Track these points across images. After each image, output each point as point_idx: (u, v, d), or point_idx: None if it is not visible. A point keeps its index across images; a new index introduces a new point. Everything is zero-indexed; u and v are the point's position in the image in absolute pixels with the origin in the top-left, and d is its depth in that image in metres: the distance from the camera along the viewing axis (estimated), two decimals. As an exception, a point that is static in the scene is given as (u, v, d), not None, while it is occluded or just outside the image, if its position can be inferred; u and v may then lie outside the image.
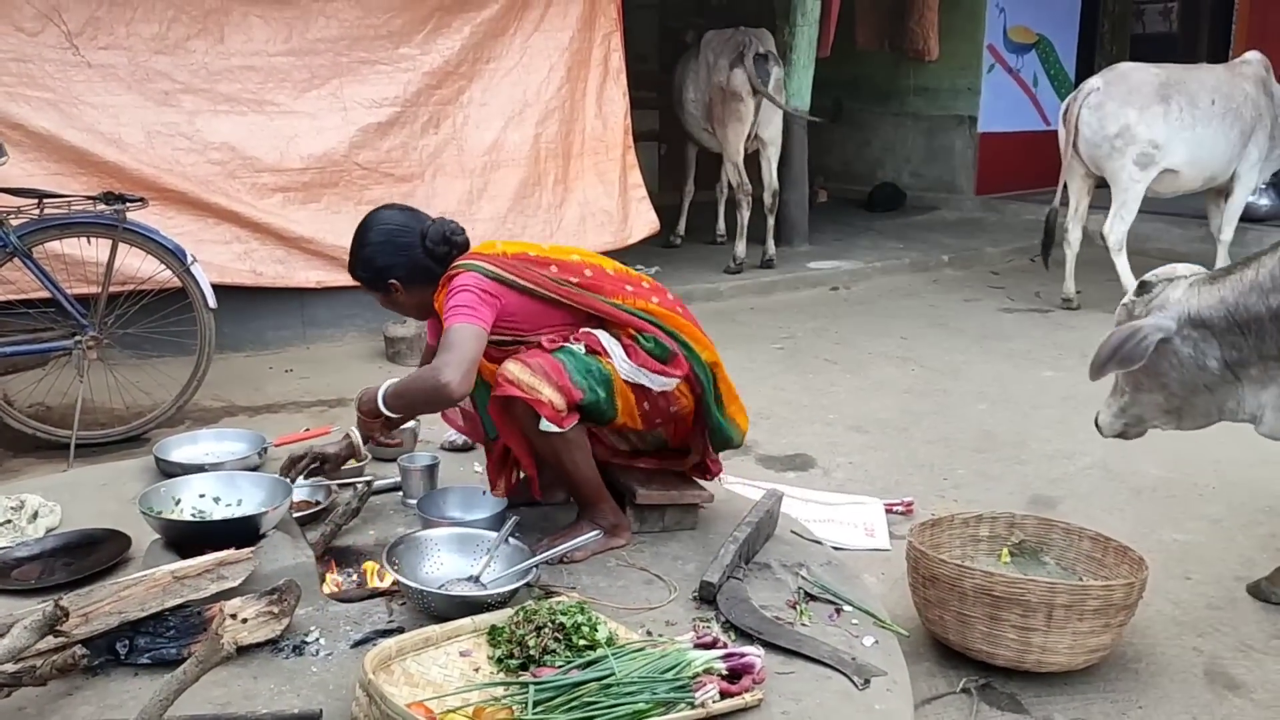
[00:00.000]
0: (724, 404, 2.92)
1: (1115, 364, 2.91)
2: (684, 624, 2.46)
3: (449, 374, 2.51)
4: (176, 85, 5.32)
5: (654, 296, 2.87)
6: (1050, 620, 2.60)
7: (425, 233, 2.89)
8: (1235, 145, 6.60)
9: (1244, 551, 3.48)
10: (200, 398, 5.01)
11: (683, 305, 2.95)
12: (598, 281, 2.80)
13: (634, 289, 2.85)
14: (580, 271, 2.80)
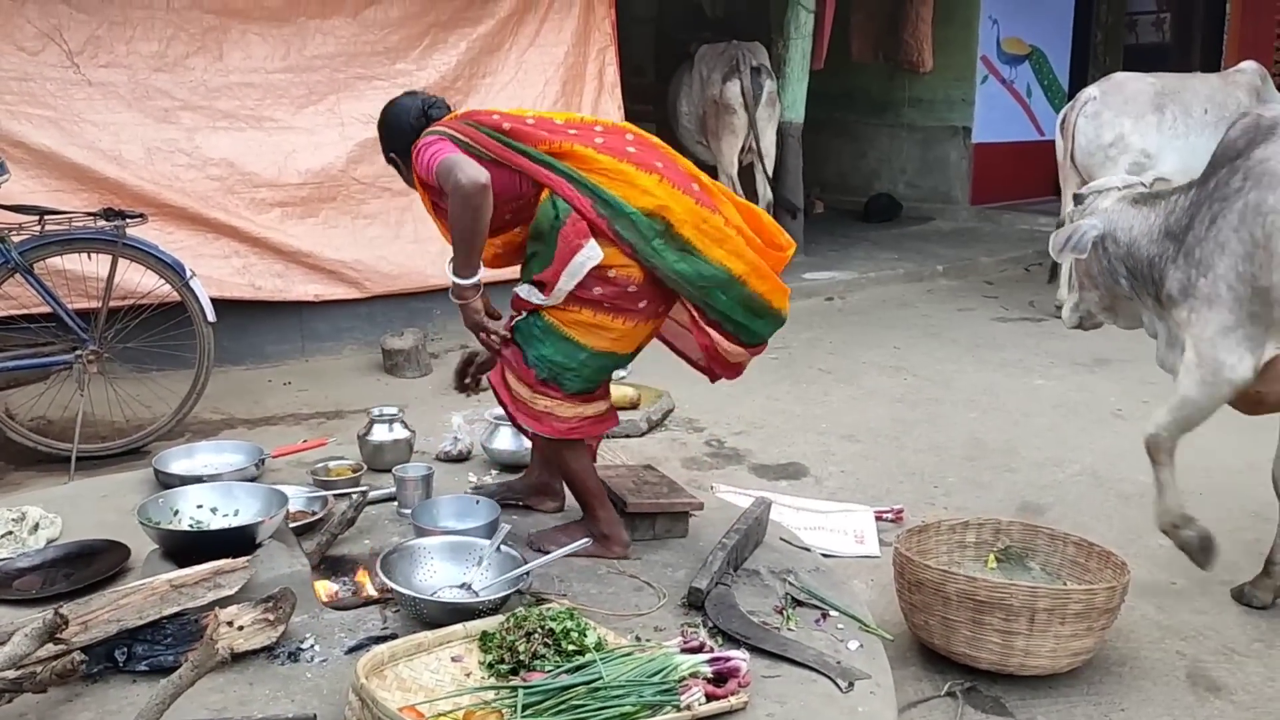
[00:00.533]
0: (695, 249, 2.62)
1: (1068, 251, 3.37)
2: (672, 629, 2.50)
3: (458, 179, 2.54)
4: (176, 102, 5.38)
5: (600, 138, 2.68)
6: (1033, 624, 2.65)
7: (412, 109, 2.98)
8: None
9: (1228, 557, 3.50)
10: (200, 410, 5.07)
11: (647, 145, 2.73)
12: (526, 130, 2.70)
13: (577, 132, 2.70)
14: (520, 121, 2.74)
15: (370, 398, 5.31)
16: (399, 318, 6.01)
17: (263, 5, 5.58)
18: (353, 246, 5.80)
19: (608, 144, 2.70)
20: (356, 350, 6.00)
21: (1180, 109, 6.61)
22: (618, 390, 4.88)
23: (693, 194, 2.70)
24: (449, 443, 3.72)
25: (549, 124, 2.79)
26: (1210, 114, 6.62)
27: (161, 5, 5.34)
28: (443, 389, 5.58)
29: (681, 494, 3.09)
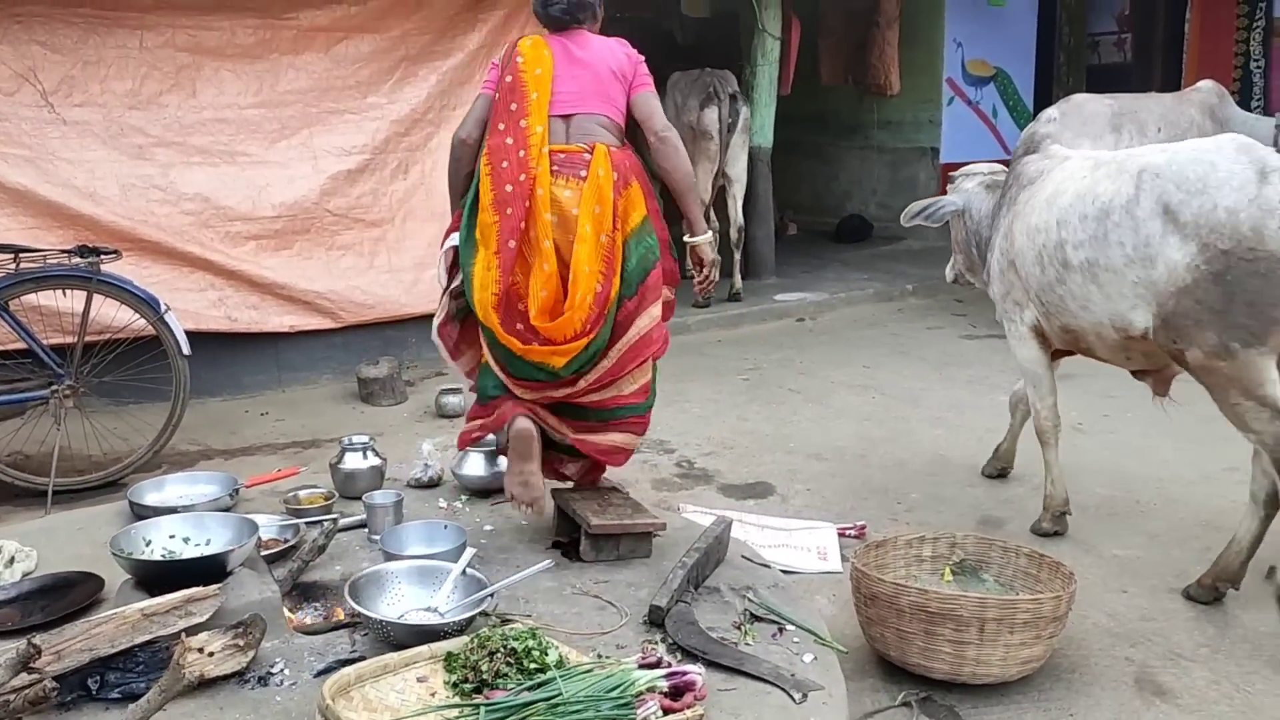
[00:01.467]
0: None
1: (920, 219, 4.31)
2: (634, 647, 2.59)
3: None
4: (150, 139, 5.47)
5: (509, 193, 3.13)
6: (982, 634, 2.74)
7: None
8: None
9: (1179, 565, 3.62)
10: (177, 442, 5.12)
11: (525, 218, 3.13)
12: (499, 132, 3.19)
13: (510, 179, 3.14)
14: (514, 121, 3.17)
15: (346, 426, 5.38)
16: (374, 346, 6.09)
17: (235, 43, 5.68)
18: (327, 277, 5.88)
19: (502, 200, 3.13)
20: (332, 380, 6.07)
21: (1136, 128, 6.77)
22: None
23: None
24: (420, 469, 3.80)
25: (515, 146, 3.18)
26: (1164, 132, 6.78)
27: (135, 44, 5.43)
28: (418, 416, 5.67)
29: (645, 515, 3.18)
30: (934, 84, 10.17)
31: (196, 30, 5.57)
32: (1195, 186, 3.11)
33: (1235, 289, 3.02)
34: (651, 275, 3.20)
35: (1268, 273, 2.97)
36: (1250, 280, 3.00)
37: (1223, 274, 3.03)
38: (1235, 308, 3.03)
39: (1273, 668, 2.97)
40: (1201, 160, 3.15)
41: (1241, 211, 3.01)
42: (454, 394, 5.57)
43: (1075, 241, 3.43)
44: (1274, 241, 2.95)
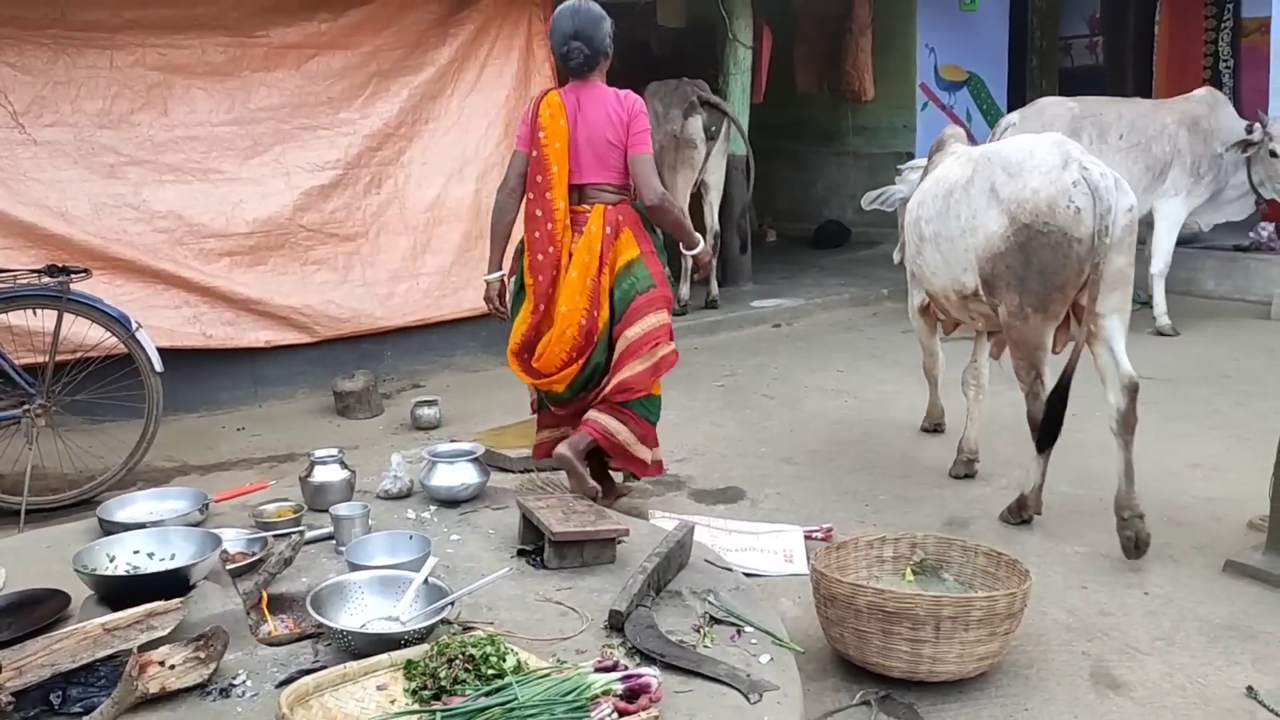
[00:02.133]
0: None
1: (877, 204, 5.28)
2: (594, 651, 2.62)
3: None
4: (122, 158, 5.50)
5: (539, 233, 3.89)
6: (938, 632, 2.79)
7: (556, 34, 3.88)
8: (1139, 179, 6.79)
9: (1139, 561, 3.67)
10: (153, 458, 5.15)
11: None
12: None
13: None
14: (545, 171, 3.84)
15: (321, 440, 5.40)
16: (350, 360, 6.12)
17: (206, 61, 5.72)
18: (301, 292, 5.92)
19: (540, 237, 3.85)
20: (309, 394, 6.10)
21: (1097, 132, 6.83)
22: (562, 424, 5.01)
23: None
24: (389, 481, 3.83)
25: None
26: (1126, 139, 6.83)
27: (105, 64, 5.47)
28: (393, 428, 5.70)
29: (608, 521, 3.21)
30: (908, 89, 10.26)
31: (167, 49, 5.61)
32: (1015, 170, 3.69)
33: (1032, 257, 3.59)
34: (638, 299, 3.87)
35: (1056, 245, 3.54)
36: (1043, 251, 3.57)
37: (1026, 244, 3.60)
38: (1031, 274, 3.61)
39: (1226, 659, 3.02)
40: (1024, 149, 3.75)
41: (1042, 191, 3.57)
42: (428, 406, 5.60)
43: (927, 218, 4.12)
44: (1063, 218, 3.53)
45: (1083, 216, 3.52)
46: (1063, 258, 3.55)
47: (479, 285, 6.38)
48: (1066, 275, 3.58)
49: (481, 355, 6.66)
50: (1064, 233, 3.53)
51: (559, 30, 3.83)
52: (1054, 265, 3.57)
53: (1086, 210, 3.52)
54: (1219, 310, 7.60)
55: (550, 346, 3.84)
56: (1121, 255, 3.61)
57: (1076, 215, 3.54)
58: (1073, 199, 3.55)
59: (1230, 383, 5.91)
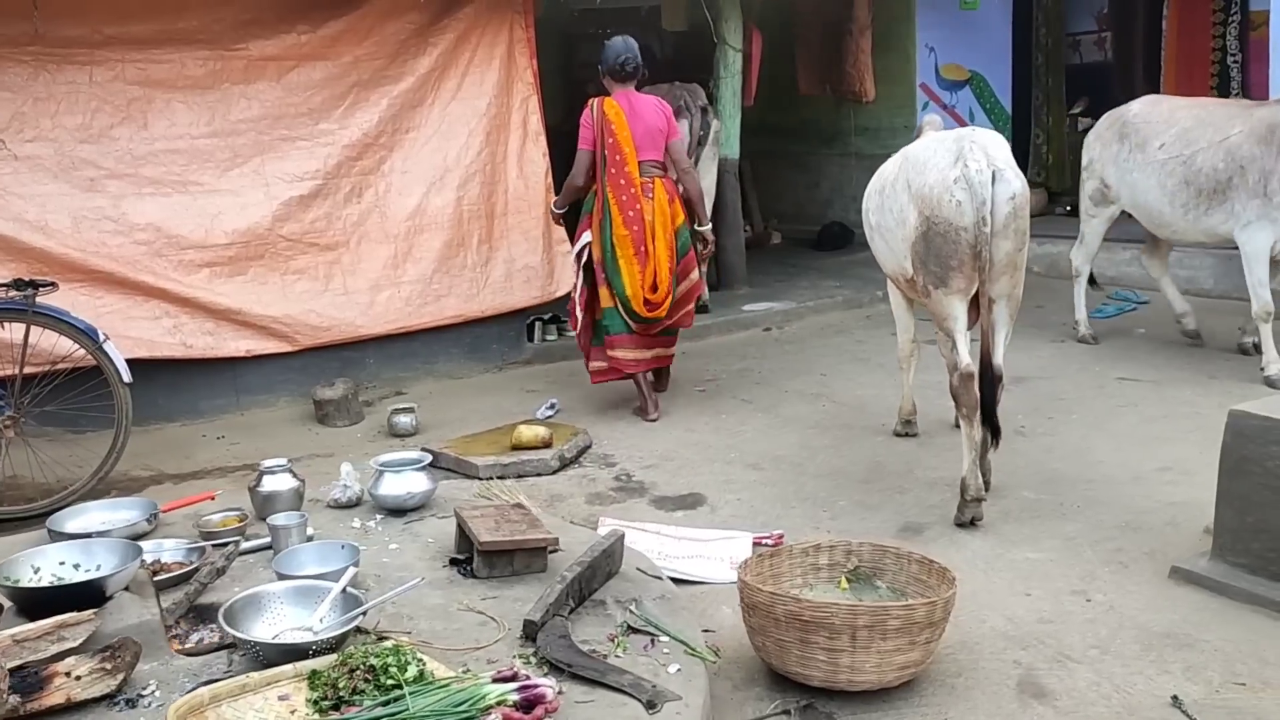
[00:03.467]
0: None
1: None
2: (505, 661, 2.64)
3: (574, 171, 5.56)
4: (102, 171, 5.58)
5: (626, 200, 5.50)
6: (854, 641, 2.78)
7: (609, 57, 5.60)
8: (1178, 197, 6.00)
9: (1088, 567, 3.64)
10: (130, 467, 5.23)
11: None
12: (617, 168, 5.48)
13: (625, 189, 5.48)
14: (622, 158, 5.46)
15: (299, 448, 5.47)
16: (332, 368, 6.18)
17: (185, 74, 5.79)
18: (282, 302, 5.98)
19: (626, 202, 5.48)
20: (291, 402, 6.15)
21: (1139, 140, 6.19)
22: (529, 430, 5.06)
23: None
24: (339, 490, 3.86)
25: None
26: (1167, 149, 6.02)
27: (85, 80, 5.55)
28: (371, 436, 5.74)
29: (539, 530, 3.22)
30: (908, 90, 10.19)
31: (146, 63, 5.69)
32: (920, 168, 4.06)
33: (930, 244, 3.99)
34: (689, 255, 5.65)
35: (945, 234, 3.93)
36: (937, 239, 3.96)
37: (926, 233, 4.00)
38: (931, 258, 4.01)
39: (1157, 668, 2.98)
40: (930, 148, 4.09)
41: (935, 186, 3.94)
42: (405, 414, 5.64)
43: (873, 209, 4.54)
44: (947, 210, 3.90)
45: (964, 209, 3.88)
46: (952, 244, 3.94)
47: (461, 292, 6.54)
48: (960, 257, 3.95)
49: (465, 362, 6.69)
50: (949, 223, 3.92)
51: (616, 49, 5.54)
52: (946, 251, 3.97)
53: (966, 203, 3.87)
54: (1217, 309, 7.46)
55: (660, 279, 5.43)
56: (1007, 241, 3.94)
57: (958, 208, 3.89)
58: (954, 194, 3.90)
59: (1215, 384, 5.82)
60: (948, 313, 4.10)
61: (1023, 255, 4.04)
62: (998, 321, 4.15)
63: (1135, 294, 7.91)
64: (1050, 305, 8.04)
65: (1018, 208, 3.91)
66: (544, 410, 5.89)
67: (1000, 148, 4.07)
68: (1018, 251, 3.99)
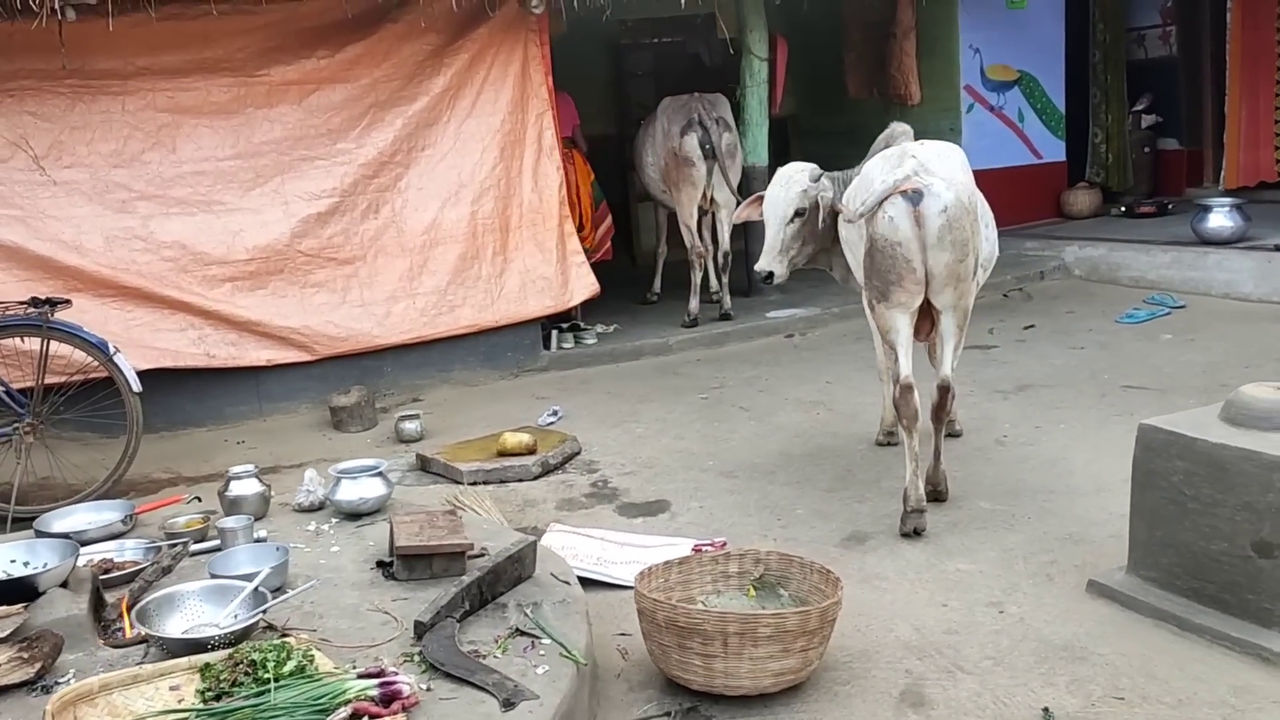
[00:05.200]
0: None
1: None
2: (392, 658, 2.83)
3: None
4: (133, 194, 5.99)
5: None
6: (726, 647, 2.88)
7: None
8: None
9: (1014, 580, 3.65)
10: (152, 470, 5.62)
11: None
12: None
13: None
14: None
15: (311, 452, 5.78)
16: (351, 376, 6.47)
17: (211, 101, 6.16)
18: (301, 314, 6.30)
19: None
20: (311, 408, 6.48)
21: None
22: (514, 437, 5.26)
23: None
24: (303, 495, 4.11)
25: None
26: None
27: (118, 109, 5.96)
28: (379, 441, 6.02)
29: (459, 536, 3.40)
30: (952, 92, 10.07)
31: (175, 92, 6.08)
32: (868, 183, 4.18)
33: (873, 259, 4.08)
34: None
35: (883, 249, 4.02)
36: (876, 255, 4.05)
37: (870, 248, 4.09)
38: (874, 272, 4.10)
39: (1044, 680, 3.01)
40: (876, 164, 4.22)
41: (871, 202, 3.99)
42: (411, 420, 5.90)
43: (841, 224, 4.68)
44: (883, 226, 4.00)
45: (897, 224, 3.97)
46: (889, 259, 4.03)
47: (475, 303, 6.78)
48: (898, 272, 4.03)
49: (480, 369, 6.93)
50: (885, 238, 4.01)
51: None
52: (885, 266, 4.05)
53: (899, 218, 3.97)
54: (1254, 315, 7.25)
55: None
56: (944, 253, 3.98)
57: (891, 223, 3.98)
58: (887, 209, 3.98)
59: (1226, 393, 5.66)
60: (889, 325, 4.15)
61: (965, 266, 4.05)
62: (945, 333, 4.19)
63: (1172, 298, 7.71)
64: (1082, 310, 7.91)
65: (951, 220, 3.93)
66: (546, 417, 6.08)
67: (944, 160, 4.11)
68: (958, 263, 4.01)
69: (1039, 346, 7.03)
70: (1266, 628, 2.92)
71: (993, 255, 4.81)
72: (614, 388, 6.75)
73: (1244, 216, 8.02)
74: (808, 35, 11.55)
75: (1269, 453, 2.89)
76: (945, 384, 4.23)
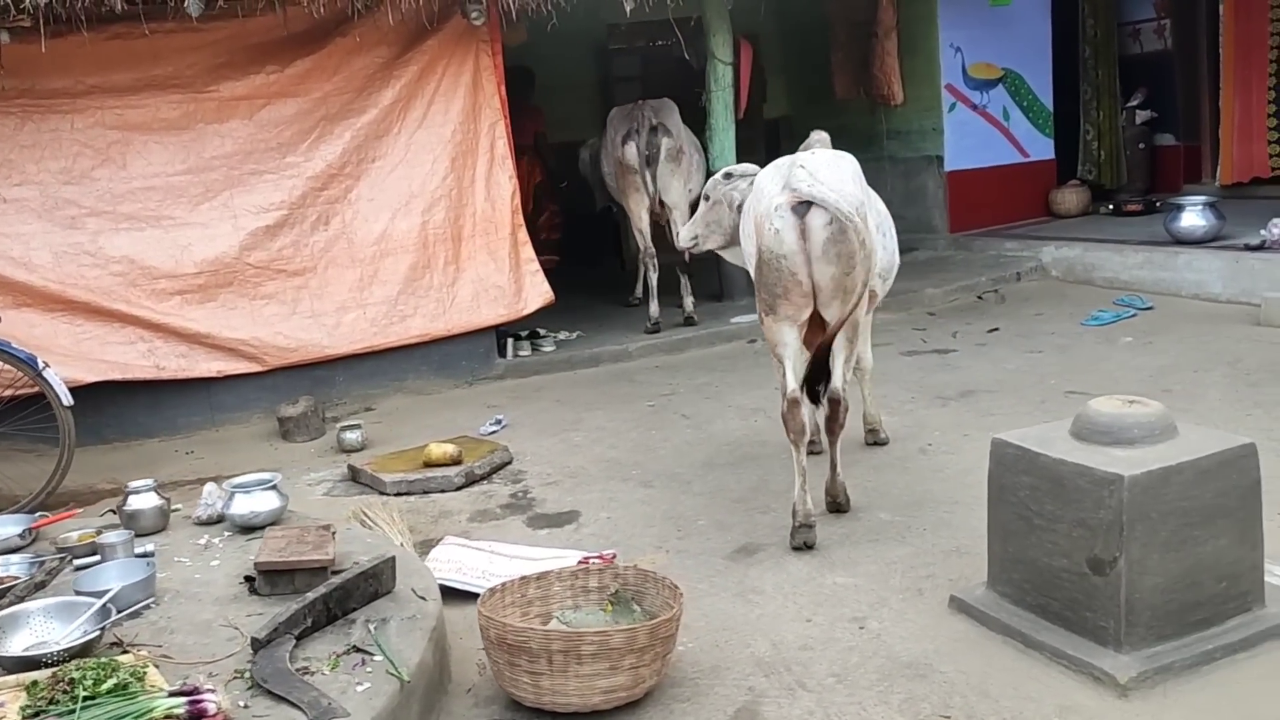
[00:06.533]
0: None
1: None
2: (226, 675, 2.88)
3: None
4: (83, 210, 6.12)
5: None
6: (552, 665, 2.90)
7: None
8: None
9: (885, 594, 3.62)
10: (97, 480, 5.74)
11: None
12: None
13: None
14: None
15: (252, 463, 5.85)
16: (303, 386, 6.56)
17: (160, 117, 6.28)
18: (250, 325, 6.40)
19: None
20: (263, 418, 6.57)
21: None
22: (439, 448, 5.31)
23: None
24: (202, 509, 4.18)
25: None
26: None
27: (67, 127, 6.10)
28: (322, 451, 6.09)
29: (321, 552, 3.44)
30: (934, 92, 9.97)
31: (124, 109, 6.20)
32: (759, 194, 4.13)
33: (761, 273, 4.04)
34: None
35: (769, 261, 3.97)
36: (764, 267, 4.01)
37: (758, 261, 4.05)
38: (763, 285, 4.06)
39: (880, 698, 2.99)
40: (762, 177, 4.19)
41: (762, 217, 4.00)
42: (352, 430, 5.97)
43: (746, 234, 4.47)
44: (768, 239, 3.95)
45: (782, 236, 3.92)
46: (775, 272, 3.98)
47: (427, 312, 6.84)
48: (784, 285, 3.98)
49: (434, 378, 6.99)
50: (771, 251, 3.96)
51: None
52: (772, 278, 4.01)
53: (784, 230, 3.92)
54: (1220, 316, 7.10)
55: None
56: (830, 266, 3.92)
57: (777, 235, 3.93)
58: (772, 222, 3.94)
59: (1170, 399, 5.50)
60: (777, 339, 4.12)
61: (852, 279, 3.99)
62: (836, 347, 4.15)
63: (1141, 299, 7.58)
64: (1051, 312, 7.80)
65: (835, 233, 3.90)
66: (489, 426, 6.13)
67: (834, 170, 4.07)
68: (845, 276, 3.96)
69: (997, 350, 6.95)
70: (1102, 646, 2.88)
71: (893, 265, 4.75)
72: (565, 395, 6.78)
73: (1218, 215, 7.86)
74: (801, 36, 11.53)
75: (1100, 468, 2.85)
76: (836, 397, 4.20)
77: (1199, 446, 2.91)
